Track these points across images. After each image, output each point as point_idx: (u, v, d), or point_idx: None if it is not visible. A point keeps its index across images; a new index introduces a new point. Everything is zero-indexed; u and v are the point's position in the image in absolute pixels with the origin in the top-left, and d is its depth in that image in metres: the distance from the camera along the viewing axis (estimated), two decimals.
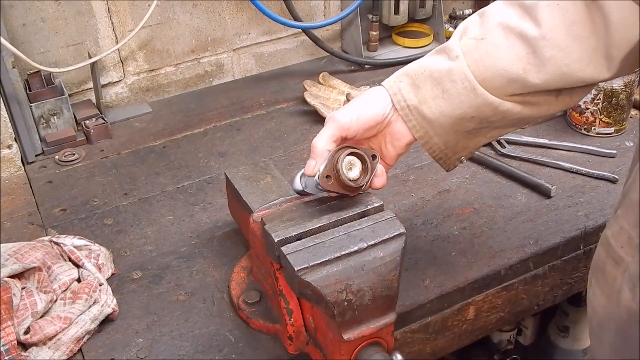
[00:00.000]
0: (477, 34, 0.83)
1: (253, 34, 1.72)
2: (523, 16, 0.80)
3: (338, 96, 1.56)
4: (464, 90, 0.82)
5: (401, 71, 0.87)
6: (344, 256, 0.81)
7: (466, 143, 0.90)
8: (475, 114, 0.84)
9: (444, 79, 0.83)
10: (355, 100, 0.87)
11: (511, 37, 0.80)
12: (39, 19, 1.45)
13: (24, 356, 0.93)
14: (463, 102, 0.83)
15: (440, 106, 0.84)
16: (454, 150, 0.90)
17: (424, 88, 0.84)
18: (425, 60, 0.86)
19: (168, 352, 0.98)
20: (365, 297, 0.81)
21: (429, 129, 0.86)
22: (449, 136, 0.87)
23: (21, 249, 1.03)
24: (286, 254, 0.82)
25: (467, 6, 1.97)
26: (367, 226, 0.86)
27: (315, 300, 0.82)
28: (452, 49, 0.84)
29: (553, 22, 0.78)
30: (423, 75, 0.84)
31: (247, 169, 1.12)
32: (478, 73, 0.82)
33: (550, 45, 0.78)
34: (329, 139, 0.83)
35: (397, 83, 0.86)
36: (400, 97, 0.85)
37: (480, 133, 0.89)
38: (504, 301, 1.16)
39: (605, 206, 1.22)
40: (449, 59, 0.84)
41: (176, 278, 1.11)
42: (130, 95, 1.64)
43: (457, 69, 0.83)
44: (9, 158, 1.36)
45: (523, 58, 0.80)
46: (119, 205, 1.29)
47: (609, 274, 0.84)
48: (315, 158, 0.84)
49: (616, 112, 1.38)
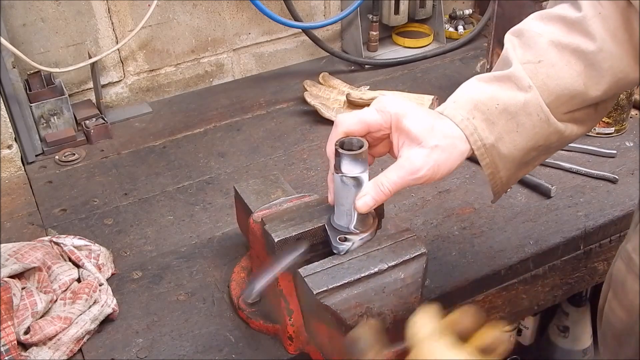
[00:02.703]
0: (530, 57, 0.80)
1: (253, 34, 1.72)
2: (571, 31, 0.79)
3: (338, 96, 1.56)
4: (539, 122, 0.79)
5: (469, 104, 0.80)
6: (364, 278, 0.79)
7: (521, 173, 0.87)
8: (543, 143, 0.81)
9: (519, 113, 0.79)
10: (434, 150, 0.78)
11: (565, 55, 0.79)
12: (39, 19, 1.45)
13: (24, 356, 0.93)
14: (537, 133, 0.80)
15: (514, 141, 0.80)
16: (509, 182, 0.86)
17: (498, 124, 0.79)
18: (493, 91, 0.80)
19: (168, 352, 0.98)
20: (386, 321, 0.79)
21: (499, 164, 0.81)
22: (513, 169, 0.83)
23: (21, 249, 1.03)
24: (304, 276, 0.79)
25: (467, 6, 1.97)
26: (386, 246, 0.83)
27: (335, 324, 0.79)
28: (521, 77, 0.79)
29: (604, 34, 0.77)
30: (497, 110, 0.79)
31: (256, 182, 1.09)
32: (548, 101, 0.79)
33: (607, 56, 0.78)
34: (397, 186, 0.79)
35: (471, 121, 0.79)
36: (477, 137, 0.79)
37: (536, 161, 0.86)
38: (504, 301, 1.15)
39: (605, 206, 1.22)
40: (519, 90, 0.79)
41: (176, 278, 1.11)
42: (131, 95, 1.64)
43: (532, 100, 0.79)
44: (9, 158, 1.37)
45: (582, 73, 0.78)
46: (119, 205, 1.29)
47: (630, 289, 0.82)
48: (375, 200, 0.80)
49: (616, 112, 1.38)
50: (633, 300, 0.82)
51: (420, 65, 1.77)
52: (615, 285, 0.86)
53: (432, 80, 1.69)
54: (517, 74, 0.79)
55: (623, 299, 0.84)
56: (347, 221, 0.83)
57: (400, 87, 1.65)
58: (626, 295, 0.83)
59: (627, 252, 0.84)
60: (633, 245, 0.83)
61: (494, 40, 1.45)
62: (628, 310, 0.83)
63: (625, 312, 0.84)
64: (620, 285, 0.85)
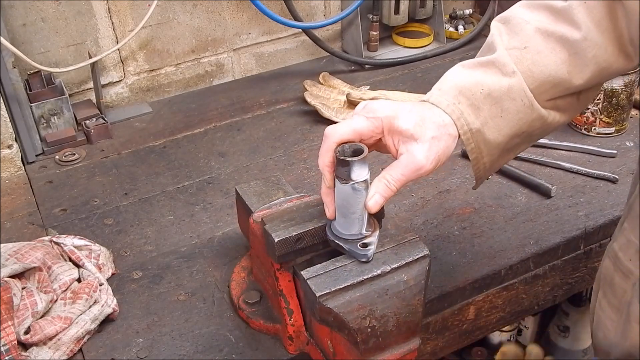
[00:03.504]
0: (516, 44, 0.80)
1: (253, 34, 1.72)
2: (557, 19, 0.79)
3: (338, 96, 1.56)
4: (522, 107, 0.80)
5: (454, 90, 0.81)
6: (367, 280, 0.79)
7: (503, 160, 0.87)
8: (527, 129, 0.82)
9: (503, 98, 0.79)
10: (432, 143, 0.78)
11: (551, 42, 0.79)
12: (39, 19, 1.45)
13: (24, 356, 0.93)
14: (521, 119, 0.80)
15: (498, 126, 0.80)
16: (492, 169, 0.86)
17: (483, 109, 0.80)
18: (477, 76, 0.81)
19: (168, 352, 0.98)
20: (389, 323, 0.79)
21: (484, 149, 0.82)
22: (496, 154, 0.84)
23: (21, 249, 1.03)
24: (306, 278, 0.79)
25: (467, 6, 1.97)
26: (389, 248, 0.83)
27: (337, 326, 0.79)
28: (505, 62, 0.80)
29: (589, 23, 0.78)
30: (482, 95, 0.79)
31: (258, 184, 1.09)
32: (532, 87, 0.79)
33: (591, 45, 0.78)
34: (403, 180, 0.79)
35: (457, 106, 0.80)
36: (464, 122, 0.80)
37: (518, 148, 0.86)
38: (504, 301, 1.16)
39: (605, 206, 1.22)
40: (504, 75, 0.80)
41: (176, 278, 1.11)
42: (131, 95, 1.64)
43: (516, 85, 0.79)
44: (9, 158, 1.37)
45: (566, 61, 0.79)
46: (119, 205, 1.29)
47: (618, 287, 0.83)
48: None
49: (616, 112, 1.38)
50: (621, 298, 0.82)
51: (420, 65, 1.77)
52: (604, 284, 0.87)
53: (432, 80, 1.66)
54: (501, 60, 0.80)
55: (612, 298, 0.85)
56: (360, 227, 0.83)
57: (400, 87, 1.65)
58: (614, 294, 0.84)
59: (613, 251, 0.85)
60: (619, 244, 0.84)
61: None
62: (617, 309, 0.84)
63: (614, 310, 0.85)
64: (609, 284, 0.86)
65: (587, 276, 1.24)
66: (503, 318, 1.18)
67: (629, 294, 0.81)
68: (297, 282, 0.91)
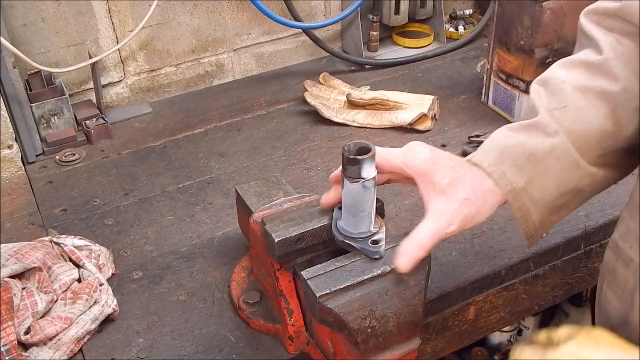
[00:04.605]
0: (556, 104, 0.80)
1: (253, 34, 1.72)
2: (594, 74, 0.79)
3: (338, 96, 1.56)
4: (568, 165, 0.80)
5: (497, 150, 0.81)
6: (367, 280, 0.79)
7: (555, 217, 0.86)
8: (574, 187, 0.81)
9: (546, 157, 0.79)
10: (464, 204, 0.79)
11: (590, 97, 0.79)
12: (39, 19, 1.45)
13: (25, 356, 0.93)
14: (567, 177, 0.80)
15: (544, 184, 0.80)
16: (543, 227, 0.86)
17: (527, 168, 0.80)
18: (520, 138, 0.81)
19: (168, 352, 0.98)
20: (389, 324, 0.79)
21: (531, 208, 0.81)
22: (545, 213, 0.83)
23: (21, 249, 1.03)
24: (306, 278, 0.79)
25: (467, 6, 1.97)
26: (389, 248, 0.83)
27: (337, 326, 0.79)
28: (547, 124, 0.80)
29: (627, 73, 0.77)
30: (524, 155, 0.80)
31: (258, 184, 1.09)
32: (576, 145, 0.79)
33: (632, 96, 0.78)
34: (433, 241, 0.80)
35: (499, 166, 0.80)
36: (507, 181, 0.80)
37: (570, 205, 0.86)
38: (504, 301, 1.16)
39: (605, 206, 1.22)
40: (546, 136, 0.80)
41: (176, 278, 1.11)
42: (131, 95, 1.64)
43: (560, 145, 0.79)
44: (10, 158, 1.37)
45: (609, 115, 0.78)
46: (119, 206, 1.29)
47: (620, 277, 0.84)
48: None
49: None
50: (624, 287, 0.83)
51: (420, 66, 1.77)
52: (606, 275, 0.88)
53: (433, 80, 1.69)
54: (543, 121, 0.80)
55: (615, 288, 0.85)
56: (368, 224, 0.83)
57: (400, 87, 1.65)
58: (617, 283, 0.85)
59: (614, 241, 0.86)
60: (619, 232, 0.84)
61: (495, 40, 1.45)
62: (620, 298, 0.84)
63: (618, 300, 0.85)
64: (611, 274, 0.86)
65: (587, 276, 1.24)
66: (503, 318, 1.18)
67: (632, 282, 0.81)
68: (297, 282, 0.91)
